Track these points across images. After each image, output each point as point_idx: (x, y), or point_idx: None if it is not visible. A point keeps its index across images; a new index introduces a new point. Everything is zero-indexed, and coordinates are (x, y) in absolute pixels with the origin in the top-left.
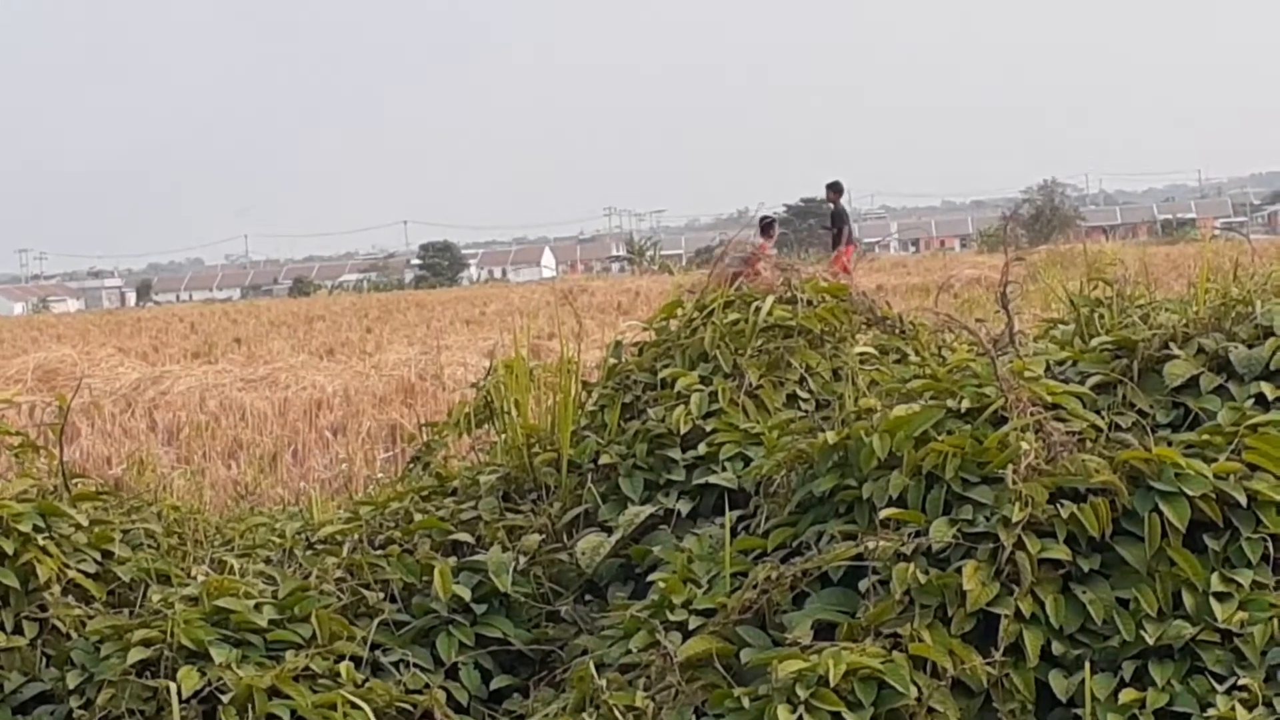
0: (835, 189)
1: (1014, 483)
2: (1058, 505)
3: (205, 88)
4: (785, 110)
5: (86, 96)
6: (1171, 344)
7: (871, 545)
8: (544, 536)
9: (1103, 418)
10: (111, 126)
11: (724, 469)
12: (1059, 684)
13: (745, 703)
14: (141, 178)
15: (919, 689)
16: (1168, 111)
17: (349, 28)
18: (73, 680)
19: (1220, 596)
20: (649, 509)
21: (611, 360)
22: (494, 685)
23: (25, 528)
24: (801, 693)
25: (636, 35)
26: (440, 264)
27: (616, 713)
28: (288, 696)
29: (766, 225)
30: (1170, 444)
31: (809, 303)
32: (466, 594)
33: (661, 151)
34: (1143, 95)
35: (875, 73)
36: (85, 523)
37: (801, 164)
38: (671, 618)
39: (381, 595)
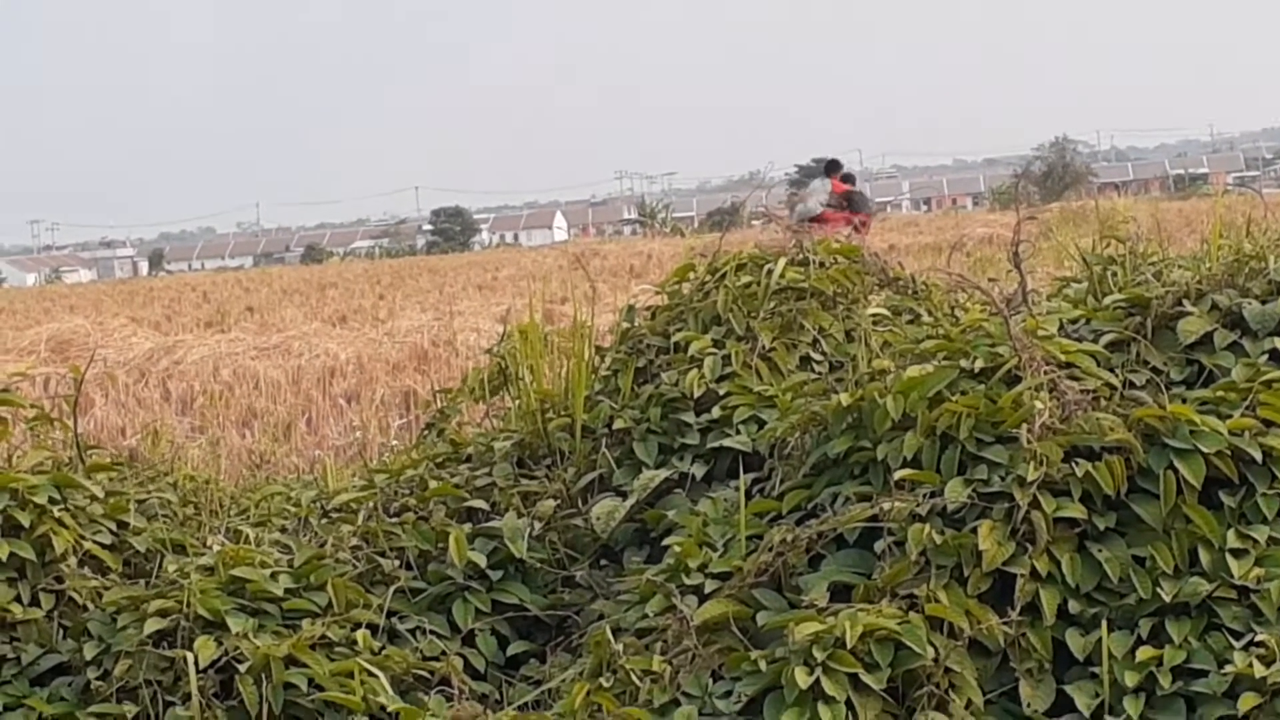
0: (834, 169)
1: (1028, 442)
2: (1073, 464)
3: (215, 55)
4: (795, 69)
5: (95, 66)
6: (1185, 301)
7: (887, 506)
8: (559, 502)
9: (1117, 376)
10: (120, 96)
11: (738, 432)
12: (1076, 642)
13: (762, 665)
14: (152, 146)
15: (936, 649)
16: (1179, 66)
17: None
18: (90, 651)
19: (1236, 553)
20: (663, 473)
21: (624, 324)
22: (511, 651)
23: (41, 499)
24: (818, 655)
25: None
26: (452, 229)
27: (633, 677)
28: (305, 665)
29: (832, 166)
30: (1185, 401)
31: (821, 264)
32: (482, 560)
33: (672, 113)
34: (1153, 49)
35: (884, 30)
36: (100, 494)
37: (813, 123)
38: (687, 581)
39: (397, 563)
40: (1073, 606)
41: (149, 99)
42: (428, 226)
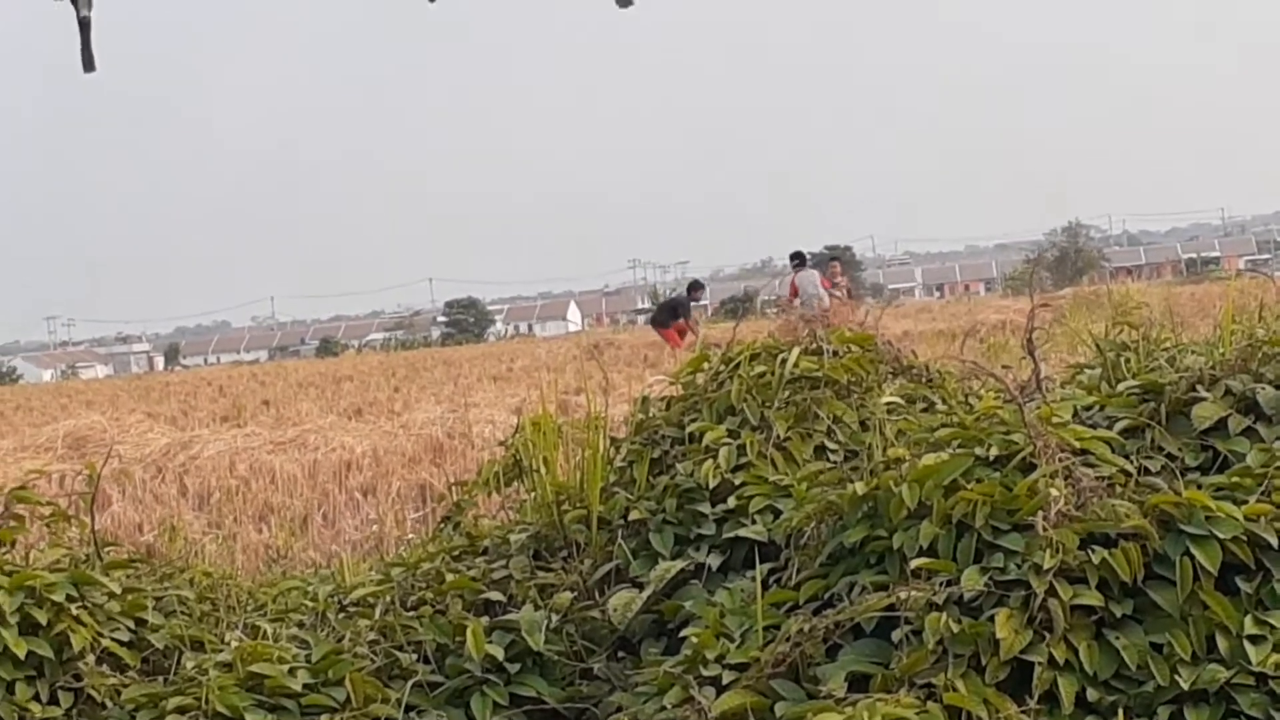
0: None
1: (1044, 529)
2: (1089, 551)
3: (227, 151)
4: (807, 157)
5: (109, 164)
6: (1199, 386)
7: (903, 595)
8: (576, 594)
9: (1132, 462)
10: (134, 193)
11: (754, 522)
12: None
13: None
14: (166, 242)
15: None
16: (1190, 150)
17: (369, 84)
18: None
19: (1254, 639)
20: (680, 564)
21: (639, 415)
22: None
23: (59, 597)
24: None
25: (658, 83)
26: (466, 320)
27: None
28: None
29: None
30: (1200, 487)
31: (835, 353)
32: (500, 653)
33: (685, 202)
34: (1164, 134)
35: (896, 118)
36: (118, 591)
37: (825, 210)
38: (705, 673)
39: (415, 656)
40: (1091, 694)
41: (163, 196)
42: (442, 317)
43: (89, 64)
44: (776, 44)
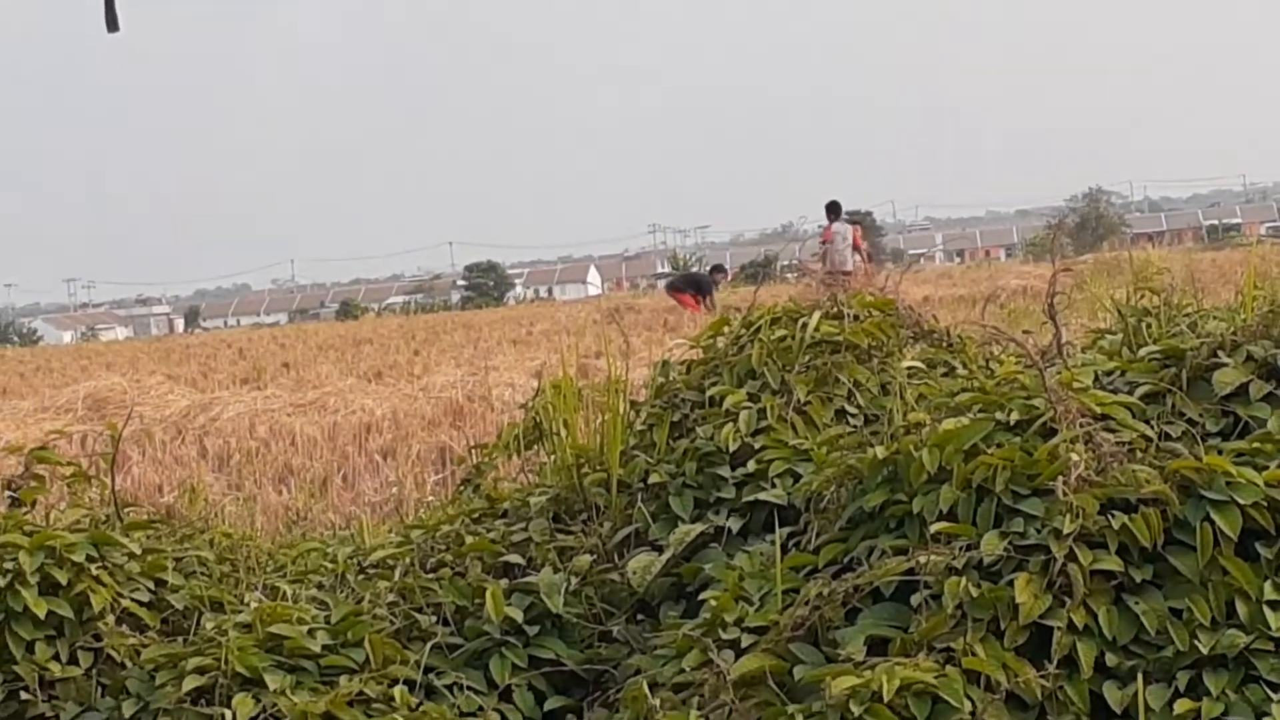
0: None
1: (1064, 494)
2: (1109, 516)
3: (247, 115)
4: (827, 121)
5: (130, 124)
6: (1220, 352)
7: (923, 559)
8: (595, 557)
9: (1152, 427)
10: (157, 154)
11: (773, 486)
12: (1113, 695)
13: None
14: (188, 204)
15: (973, 703)
16: (1211, 116)
17: (390, 49)
18: (128, 709)
19: (1274, 605)
20: (699, 527)
21: (659, 379)
22: (548, 707)
23: (79, 558)
24: (855, 709)
25: (681, 49)
26: (486, 284)
27: None
28: None
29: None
30: (1220, 452)
31: (855, 317)
32: (519, 616)
33: (705, 167)
34: (1185, 100)
35: (919, 84)
36: (138, 551)
37: (845, 175)
38: (724, 636)
39: (434, 618)
40: (1110, 659)
41: (184, 157)
42: (462, 281)
43: (113, 23)
44: (798, 8)
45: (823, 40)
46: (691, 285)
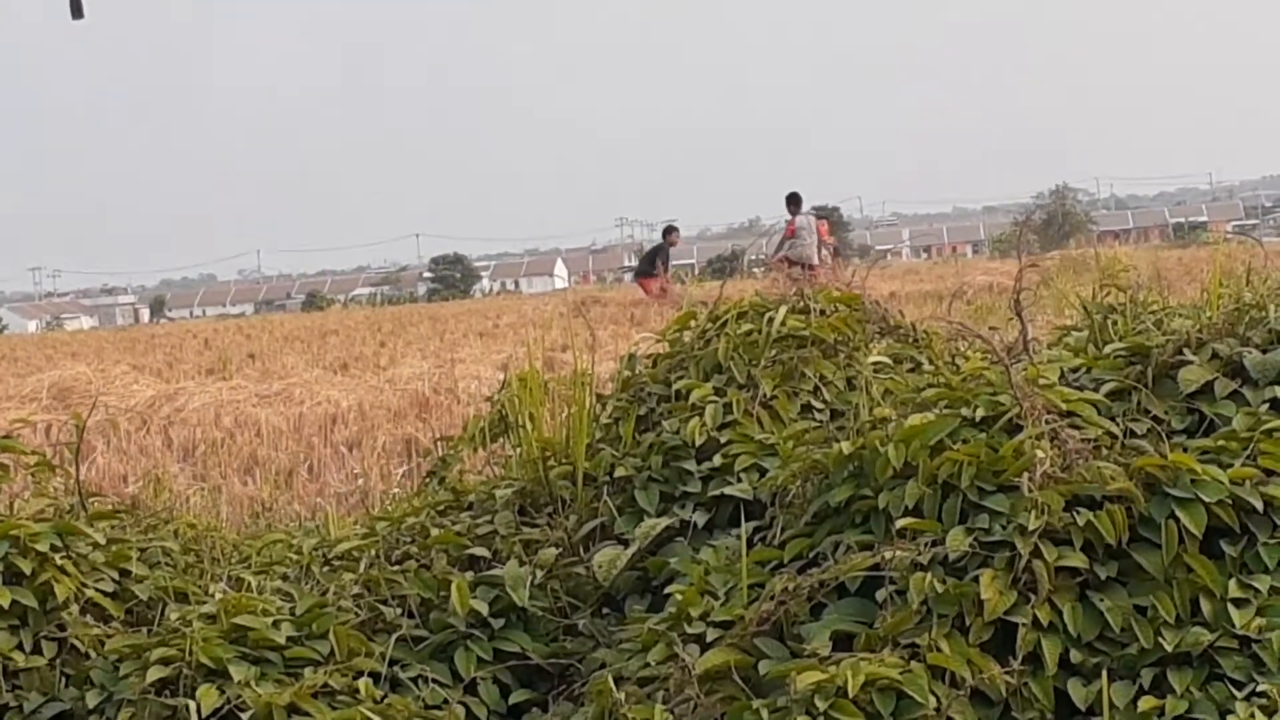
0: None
1: (1030, 491)
2: (1074, 513)
3: (214, 106)
4: (793, 117)
5: (98, 115)
6: (1185, 350)
7: (888, 555)
8: (560, 550)
9: (1118, 424)
10: (122, 144)
11: (739, 480)
12: (1078, 692)
13: (764, 715)
14: (152, 194)
15: (938, 699)
16: (1178, 115)
17: (356, 34)
18: (92, 700)
19: (1238, 603)
20: (665, 521)
21: (626, 372)
22: (513, 700)
23: (43, 547)
24: (820, 704)
25: (645, 42)
26: (452, 276)
27: None
28: (307, 714)
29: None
30: (1186, 450)
31: (822, 312)
32: (484, 608)
33: (672, 161)
34: (1152, 99)
35: (885, 80)
36: (103, 541)
37: (812, 171)
38: (689, 630)
39: (399, 611)
40: (1074, 656)
41: (149, 147)
42: (428, 274)
43: (77, 10)
44: (768, 4)
45: (792, 34)
46: (648, 261)
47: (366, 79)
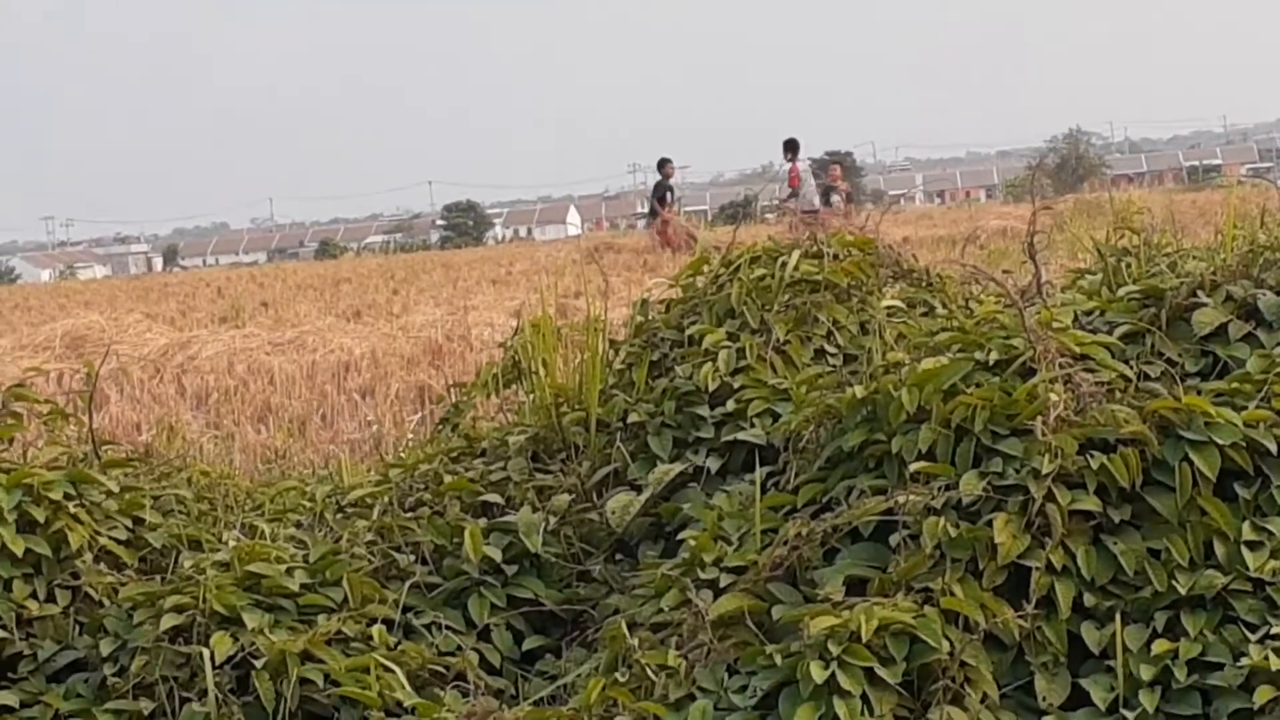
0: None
1: (1043, 434)
2: (1087, 456)
3: (227, 55)
4: (807, 61)
5: (110, 65)
6: (1199, 292)
7: (901, 499)
8: (573, 496)
9: (1131, 367)
10: (135, 93)
11: (752, 425)
12: (1091, 636)
13: (777, 659)
14: (166, 142)
15: (951, 643)
16: (1191, 58)
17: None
18: (106, 647)
19: (1252, 545)
20: (678, 467)
21: (638, 318)
22: (526, 646)
23: (56, 495)
24: (834, 649)
25: None
26: (465, 224)
27: (649, 672)
28: (321, 660)
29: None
30: (1200, 393)
31: (835, 257)
32: (497, 555)
33: (685, 107)
34: (1166, 40)
35: (895, 25)
36: (116, 489)
37: (825, 115)
38: (702, 576)
39: (412, 558)
40: (1088, 600)
41: (162, 95)
42: (440, 221)
43: None
44: None
45: None
46: (657, 201)
47: (379, 26)
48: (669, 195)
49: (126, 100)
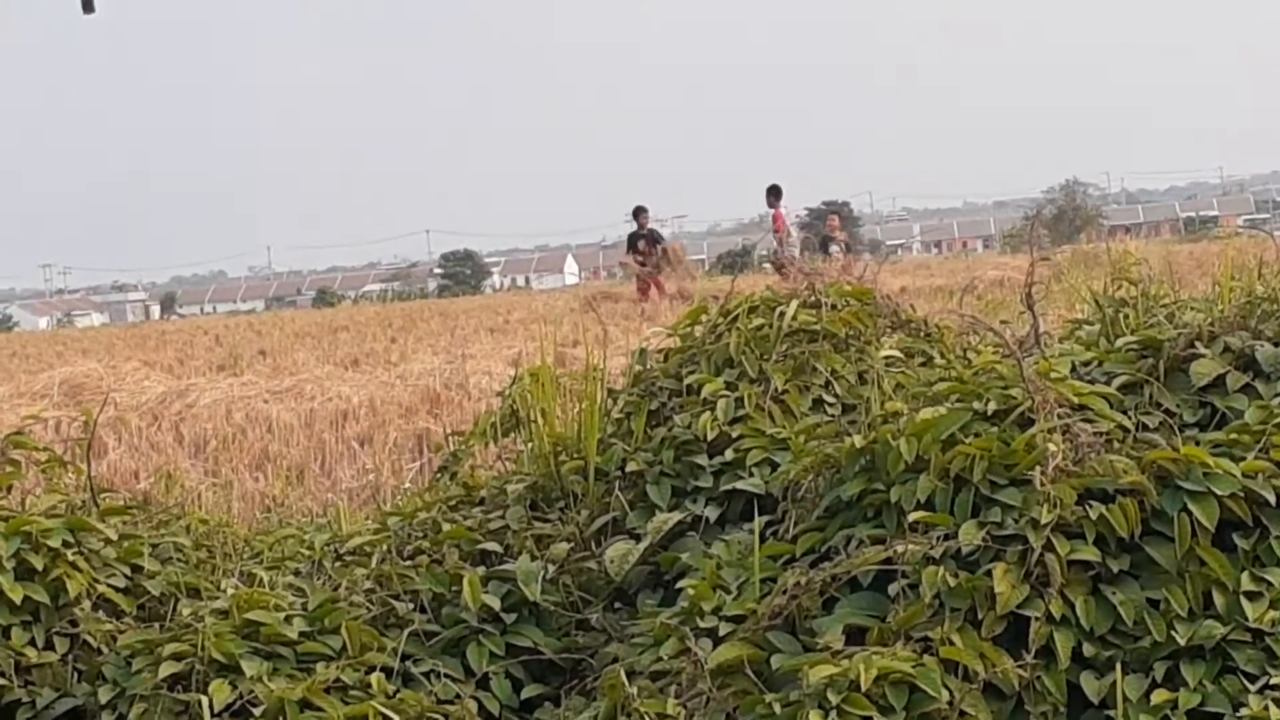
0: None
1: (1042, 484)
2: (1086, 506)
3: (221, 101)
4: (804, 112)
5: (108, 112)
6: (1197, 343)
7: (900, 549)
8: (572, 545)
9: (1130, 418)
10: (131, 141)
11: (751, 475)
12: (1091, 686)
13: (777, 709)
14: (164, 191)
15: (950, 692)
16: (1188, 109)
17: (364, 32)
18: (104, 695)
19: (1251, 595)
20: (677, 516)
21: (637, 367)
22: (525, 694)
23: (55, 543)
24: (833, 698)
25: (655, 37)
26: (463, 272)
27: None
28: (319, 709)
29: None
30: (1198, 443)
31: (833, 306)
32: (496, 603)
33: (682, 156)
34: (1163, 93)
35: (895, 77)
36: (114, 537)
37: (823, 166)
38: (701, 624)
39: (411, 606)
40: (1087, 649)
41: (161, 145)
42: (438, 269)
43: (88, 5)
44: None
45: (799, 32)
46: (631, 249)
47: (378, 78)
48: (641, 243)
49: (125, 147)
